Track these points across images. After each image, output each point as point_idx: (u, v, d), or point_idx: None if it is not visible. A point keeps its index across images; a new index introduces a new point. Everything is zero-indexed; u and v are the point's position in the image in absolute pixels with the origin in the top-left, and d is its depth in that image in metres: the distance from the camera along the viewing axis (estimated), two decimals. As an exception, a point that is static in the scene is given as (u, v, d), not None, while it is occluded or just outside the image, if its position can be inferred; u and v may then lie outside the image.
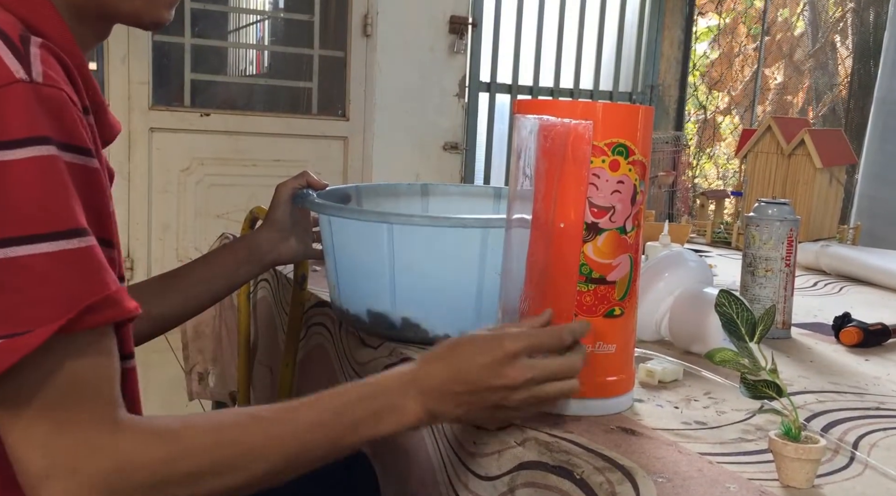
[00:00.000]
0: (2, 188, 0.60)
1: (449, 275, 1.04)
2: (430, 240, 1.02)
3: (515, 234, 0.93)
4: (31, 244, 0.61)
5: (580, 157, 0.85)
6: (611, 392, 0.87)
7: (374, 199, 1.32)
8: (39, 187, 0.62)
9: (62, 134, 0.64)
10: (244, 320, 1.45)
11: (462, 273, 1.03)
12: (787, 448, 0.71)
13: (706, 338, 1.05)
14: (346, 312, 1.14)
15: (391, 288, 1.05)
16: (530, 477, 0.76)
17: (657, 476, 0.71)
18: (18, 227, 0.61)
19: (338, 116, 3.87)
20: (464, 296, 1.04)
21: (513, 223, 0.94)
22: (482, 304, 1.04)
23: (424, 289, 1.04)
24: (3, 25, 0.65)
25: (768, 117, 2.23)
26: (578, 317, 0.85)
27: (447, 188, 1.38)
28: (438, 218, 1.03)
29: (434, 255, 1.03)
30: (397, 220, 1.02)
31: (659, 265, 1.16)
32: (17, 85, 0.62)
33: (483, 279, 1.03)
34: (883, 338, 1.22)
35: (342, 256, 1.11)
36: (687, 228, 2.09)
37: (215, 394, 1.96)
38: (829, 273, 1.79)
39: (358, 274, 1.10)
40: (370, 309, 1.09)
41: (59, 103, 0.64)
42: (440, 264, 1.03)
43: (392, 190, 1.35)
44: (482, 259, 1.03)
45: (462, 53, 4.06)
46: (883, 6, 4.76)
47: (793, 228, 1.20)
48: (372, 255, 1.05)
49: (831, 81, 6.25)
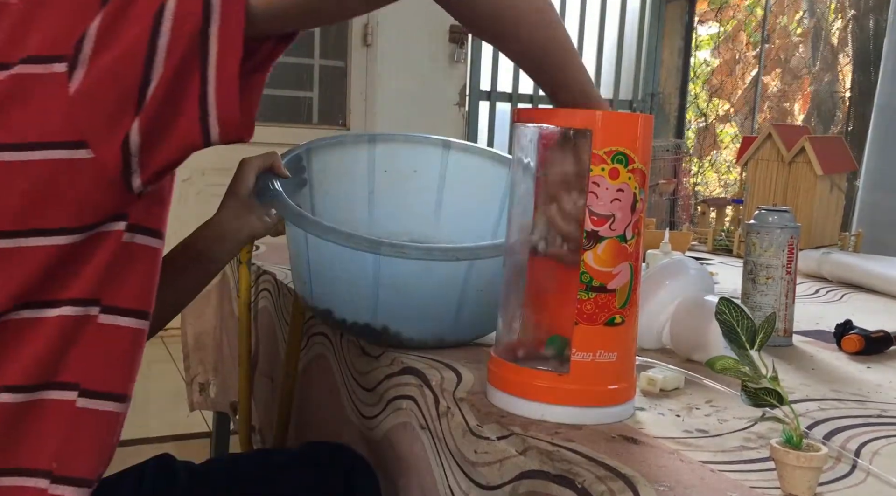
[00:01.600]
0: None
1: (432, 293, 1.06)
2: (418, 266, 1.03)
3: (517, 244, 0.93)
4: None
5: (580, 165, 0.85)
6: (612, 400, 0.87)
7: (323, 157, 1.30)
8: None
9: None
10: (245, 330, 1.45)
11: (446, 290, 1.06)
12: (789, 456, 0.70)
13: (707, 346, 1.05)
14: (315, 308, 1.16)
15: (373, 302, 1.07)
16: (532, 486, 0.76)
17: (659, 485, 0.71)
18: None
19: (338, 126, 3.87)
20: (445, 310, 1.07)
21: (513, 238, 0.94)
22: (462, 315, 1.08)
23: (406, 306, 1.06)
24: None
25: (768, 125, 2.23)
26: (579, 324, 0.85)
27: (393, 136, 1.38)
28: (431, 249, 1.04)
29: (420, 278, 1.04)
30: (388, 250, 1.01)
31: (660, 273, 1.15)
32: None
33: (465, 295, 1.06)
34: (885, 345, 1.21)
35: (317, 262, 1.11)
36: (688, 236, 2.09)
37: (216, 405, 1.96)
38: (831, 280, 1.79)
39: (336, 284, 1.11)
40: (347, 319, 1.11)
41: None
42: (425, 285, 1.05)
43: (339, 141, 1.34)
44: (466, 280, 1.05)
45: (462, 62, 4.07)
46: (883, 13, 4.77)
47: (793, 236, 1.20)
48: (353, 271, 1.05)
49: (831, 88, 6.25)
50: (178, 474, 1.01)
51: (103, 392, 0.79)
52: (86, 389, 0.77)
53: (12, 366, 0.75)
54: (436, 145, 1.37)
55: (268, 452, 1.26)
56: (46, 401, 0.76)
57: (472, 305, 1.07)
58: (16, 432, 0.75)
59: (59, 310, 0.75)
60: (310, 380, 1.33)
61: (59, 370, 0.76)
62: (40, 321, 0.75)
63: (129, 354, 0.81)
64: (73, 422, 0.77)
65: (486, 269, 1.04)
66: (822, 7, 6.40)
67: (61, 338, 0.76)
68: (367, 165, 1.34)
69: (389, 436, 1.05)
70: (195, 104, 0.73)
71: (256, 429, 1.55)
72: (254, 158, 1.14)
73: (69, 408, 0.77)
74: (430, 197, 1.36)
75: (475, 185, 1.34)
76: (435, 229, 1.35)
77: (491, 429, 0.85)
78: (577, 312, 0.85)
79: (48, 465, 0.76)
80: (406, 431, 1.01)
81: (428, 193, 1.36)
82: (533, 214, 0.91)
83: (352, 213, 1.33)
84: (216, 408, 1.99)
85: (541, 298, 0.93)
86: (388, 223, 1.34)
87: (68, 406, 0.77)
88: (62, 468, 0.77)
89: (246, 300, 1.45)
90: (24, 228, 0.73)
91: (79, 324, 0.76)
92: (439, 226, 1.35)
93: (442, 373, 1.00)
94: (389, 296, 1.05)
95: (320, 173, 1.29)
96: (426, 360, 1.04)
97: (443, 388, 0.96)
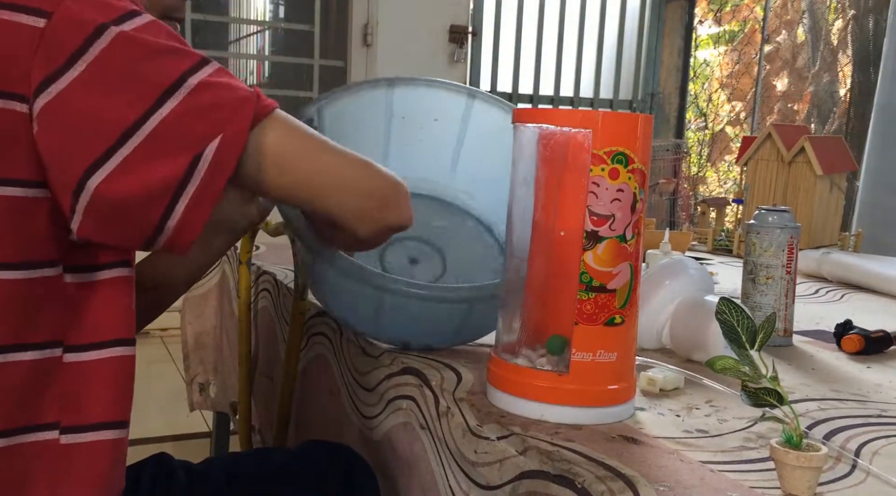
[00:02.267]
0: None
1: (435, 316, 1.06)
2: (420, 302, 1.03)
3: (517, 244, 0.93)
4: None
5: (580, 165, 0.85)
6: (612, 400, 0.87)
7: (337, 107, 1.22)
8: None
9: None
10: (245, 330, 1.45)
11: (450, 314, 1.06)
12: (789, 456, 0.70)
13: (707, 346, 1.05)
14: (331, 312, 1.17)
15: (375, 319, 1.08)
16: (532, 486, 0.76)
17: (659, 485, 0.71)
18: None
19: (338, 126, 3.87)
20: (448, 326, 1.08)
21: (513, 238, 0.94)
22: (465, 327, 1.08)
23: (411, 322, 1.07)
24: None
25: (768, 125, 2.23)
26: (579, 324, 0.85)
27: (415, 80, 1.31)
28: (434, 290, 1.04)
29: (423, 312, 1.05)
30: (394, 287, 1.01)
31: (660, 273, 1.15)
32: None
33: (469, 316, 1.06)
34: (885, 345, 1.21)
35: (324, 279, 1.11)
36: (688, 236, 2.09)
37: (216, 405, 1.96)
38: (831, 280, 1.79)
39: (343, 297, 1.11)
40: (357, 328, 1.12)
41: None
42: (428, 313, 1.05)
43: (355, 89, 1.26)
44: (471, 307, 1.05)
45: (462, 62, 4.07)
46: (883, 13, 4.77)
47: (793, 236, 1.20)
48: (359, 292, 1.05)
49: (831, 89, 6.25)
50: (176, 473, 1.01)
51: (87, 424, 0.78)
52: (67, 426, 0.77)
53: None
54: (460, 93, 1.30)
55: (267, 452, 1.26)
56: (27, 443, 0.76)
57: (475, 318, 1.07)
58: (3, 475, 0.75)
59: (26, 355, 0.75)
60: (310, 380, 1.33)
61: (37, 412, 0.76)
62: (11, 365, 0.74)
63: (117, 382, 0.80)
64: (61, 459, 0.77)
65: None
66: (821, 7, 6.40)
67: (33, 380, 0.75)
68: (385, 110, 1.28)
69: (389, 436, 1.05)
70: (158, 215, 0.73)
71: (256, 429, 1.55)
72: None
73: (54, 446, 0.77)
74: (448, 146, 1.31)
75: (496, 139, 1.25)
76: (451, 179, 1.31)
77: (491, 429, 0.85)
78: (577, 312, 0.85)
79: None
80: (406, 431, 1.01)
81: (447, 142, 1.31)
82: (533, 214, 0.91)
83: None
84: (216, 408, 1.99)
85: (540, 299, 0.93)
86: (403, 170, 1.25)
87: (52, 444, 0.77)
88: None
89: (246, 300, 1.45)
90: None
91: (48, 366, 0.76)
92: (455, 176, 1.31)
93: (442, 373, 1.00)
94: (393, 315, 1.06)
95: (333, 123, 1.22)
96: (426, 360, 1.04)
97: (443, 388, 0.96)
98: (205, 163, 0.71)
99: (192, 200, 0.71)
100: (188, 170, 0.70)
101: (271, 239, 1.29)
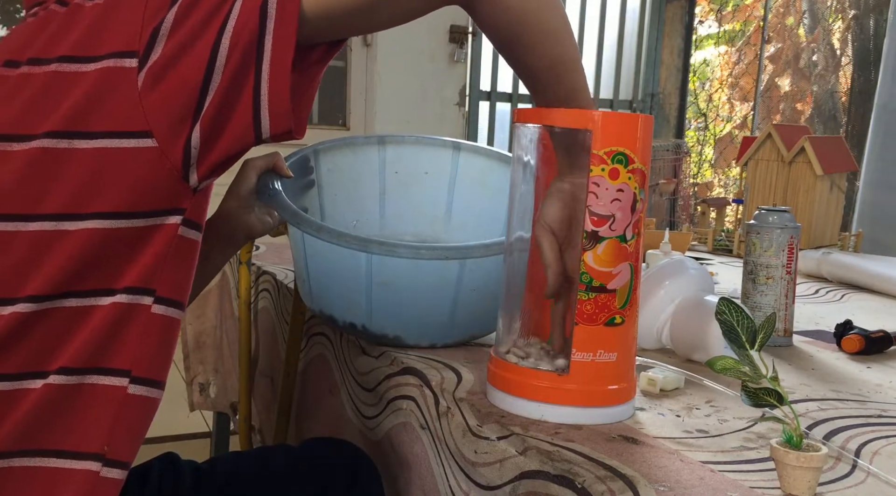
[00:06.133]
0: None
1: (425, 293, 1.06)
2: (409, 264, 1.03)
3: (517, 244, 0.93)
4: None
5: (580, 165, 0.85)
6: (612, 400, 0.87)
7: (331, 159, 1.32)
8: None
9: None
10: (245, 331, 1.45)
11: (439, 290, 1.06)
12: (789, 456, 0.70)
13: (707, 346, 1.05)
14: (315, 309, 1.16)
15: (368, 304, 1.07)
16: (532, 486, 0.76)
17: (659, 485, 0.71)
18: None
19: (338, 126, 3.87)
20: (439, 311, 1.07)
21: (513, 238, 0.94)
22: (455, 317, 1.08)
23: (400, 306, 1.07)
24: None
25: (768, 125, 2.23)
26: (579, 325, 0.85)
27: (403, 138, 1.39)
28: (420, 249, 1.04)
29: (412, 278, 1.05)
30: (378, 249, 1.02)
31: (660, 273, 1.15)
32: None
33: (458, 295, 1.06)
34: (885, 345, 1.21)
35: (314, 263, 1.12)
36: (688, 236, 2.09)
37: (216, 405, 1.96)
38: (831, 280, 1.79)
39: (332, 285, 1.11)
40: (346, 320, 1.12)
41: None
42: (418, 285, 1.05)
43: (350, 142, 1.35)
44: (460, 280, 1.05)
45: (462, 62, 4.07)
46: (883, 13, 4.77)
47: (793, 236, 1.20)
48: (348, 271, 1.06)
49: (832, 89, 6.25)
50: (184, 473, 1.01)
51: (150, 379, 0.82)
52: (136, 376, 0.80)
53: (65, 349, 0.77)
54: (446, 147, 1.37)
55: (271, 450, 1.25)
56: (98, 385, 0.78)
57: (467, 305, 1.07)
58: (67, 414, 0.77)
59: (112, 299, 0.78)
60: (310, 381, 1.33)
61: (109, 356, 0.78)
62: (93, 309, 0.77)
63: (171, 343, 0.84)
64: (123, 407, 0.79)
65: (480, 269, 1.04)
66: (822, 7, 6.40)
67: (114, 325, 0.78)
68: (379, 166, 1.35)
69: (390, 437, 1.05)
70: (249, 99, 0.76)
71: (256, 429, 1.55)
72: (257, 159, 1.14)
73: (121, 394, 0.79)
74: (441, 198, 1.37)
75: (485, 187, 1.34)
76: (446, 231, 1.36)
77: (491, 429, 0.85)
78: (577, 312, 0.85)
79: (100, 449, 0.78)
80: (406, 431, 1.01)
81: (439, 195, 1.37)
82: (533, 214, 0.91)
83: (362, 215, 1.33)
84: (216, 408, 1.99)
85: (541, 298, 0.93)
86: (399, 224, 1.34)
87: (120, 391, 0.79)
88: (112, 452, 0.79)
89: (246, 300, 1.45)
90: (80, 212, 0.76)
91: (131, 313, 0.79)
92: (450, 227, 1.36)
93: (442, 374, 1.00)
94: (383, 296, 1.05)
95: (329, 174, 1.30)
96: (426, 360, 1.04)
97: (443, 388, 0.96)
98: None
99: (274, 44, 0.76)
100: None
101: (271, 239, 1.29)
